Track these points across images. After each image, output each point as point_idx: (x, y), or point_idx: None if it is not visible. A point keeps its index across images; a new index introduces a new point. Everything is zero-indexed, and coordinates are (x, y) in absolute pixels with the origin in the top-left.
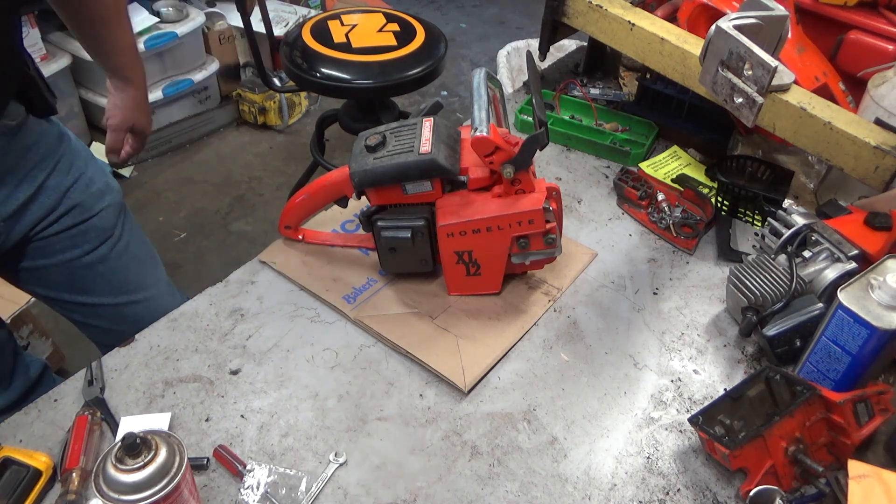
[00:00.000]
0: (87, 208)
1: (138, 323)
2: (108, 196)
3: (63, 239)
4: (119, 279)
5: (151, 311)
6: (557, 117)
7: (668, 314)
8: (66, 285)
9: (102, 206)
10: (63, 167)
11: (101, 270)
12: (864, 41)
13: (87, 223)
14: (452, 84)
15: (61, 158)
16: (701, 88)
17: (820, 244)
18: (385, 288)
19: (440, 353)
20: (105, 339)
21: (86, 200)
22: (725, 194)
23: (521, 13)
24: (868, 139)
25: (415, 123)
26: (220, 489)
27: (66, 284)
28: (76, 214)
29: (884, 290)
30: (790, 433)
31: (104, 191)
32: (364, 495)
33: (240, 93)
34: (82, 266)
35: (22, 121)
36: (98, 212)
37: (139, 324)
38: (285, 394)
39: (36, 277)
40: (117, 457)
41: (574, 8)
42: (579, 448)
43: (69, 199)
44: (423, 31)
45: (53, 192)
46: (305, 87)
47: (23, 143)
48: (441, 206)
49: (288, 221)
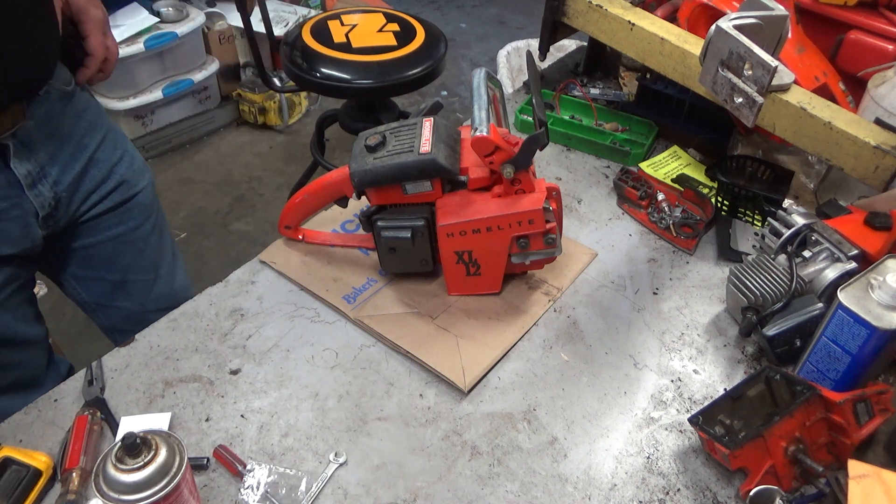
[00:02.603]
0: (132, 185)
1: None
2: (146, 174)
3: (111, 217)
4: (154, 255)
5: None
6: (557, 117)
7: (668, 314)
8: (106, 263)
9: (144, 184)
10: (110, 141)
11: (141, 247)
12: (864, 41)
13: (132, 200)
14: (452, 84)
15: (108, 132)
16: (701, 88)
17: (820, 244)
18: (385, 288)
19: (440, 353)
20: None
21: (131, 177)
22: (725, 194)
23: (521, 13)
24: (868, 139)
25: (415, 123)
26: (220, 489)
27: (107, 262)
28: (123, 191)
29: (884, 290)
30: (790, 433)
31: (143, 169)
32: (364, 495)
33: (240, 93)
34: (125, 243)
35: (74, 87)
36: (141, 189)
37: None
38: (285, 394)
39: (81, 257)
40: (117, 457)
41: (574, 8)
42: (579, 448)
43: (116, 175)
44: (423, 31)
45: (103, 165)
46: (305, 87)
47: (75, 110)
48: (441, 206)
49: (288, 221)
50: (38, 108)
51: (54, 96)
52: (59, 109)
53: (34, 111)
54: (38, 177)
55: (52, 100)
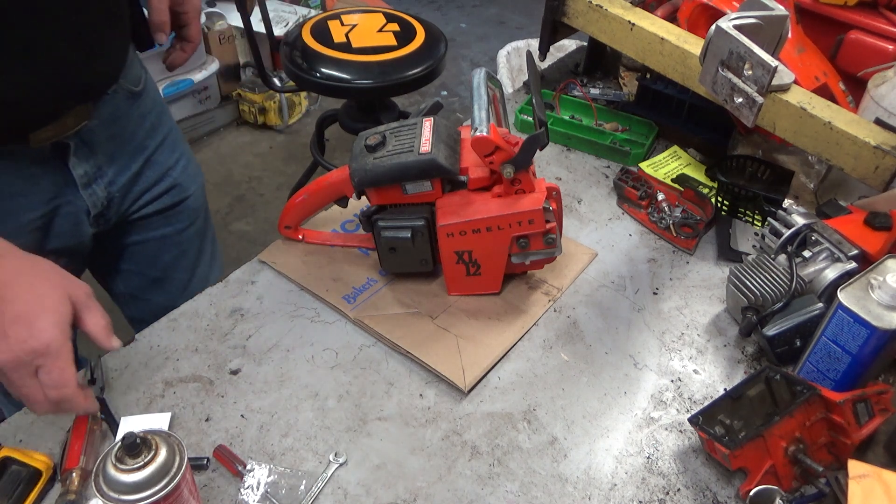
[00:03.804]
0: (183, 189)
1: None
2: (198, 177)
3: (160, 218)
4: (194, 256)
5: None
6: (557, 117)
7: (668, 314)
8: (148, 260)
9: (195, 189)
10: (169, 143)
11: (185, 248)
12: (864, 41)
13: (182, 204)
14: (452, 84)
15: (168, 134)
16: (701, 88)
17: (820, 244)
18: (385, 288)
19: (440, 353)
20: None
21: (184, 181)
22: (725, 194)
23: (521, 13)
24: (868, 139)
25: (415, 123)
26: (220, 489)
27: (149, 259)
28: (174, 194)
29: (884, 290)
30: (790, 433)
31: (196, 172)
32: (364, 495)
33: (240, 93)
34: (170, 243)
35: (143, 87)
36: (191, 194)
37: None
38: (285, 394)
39: (123, 253)
40: (117, 457)
41: (574, 8)
42: (579, 448)
43: (170, 178)
44: (423, 31)
45: (159, 168)
46: (305, 87)
47: (140, 111)
48: (441, 206)
49: (288, 221)
50: (104, 107)
51: (121, 96)
52: (124, 110)
53: (100, 111)
54: (94, 177)
55: (119, 99)
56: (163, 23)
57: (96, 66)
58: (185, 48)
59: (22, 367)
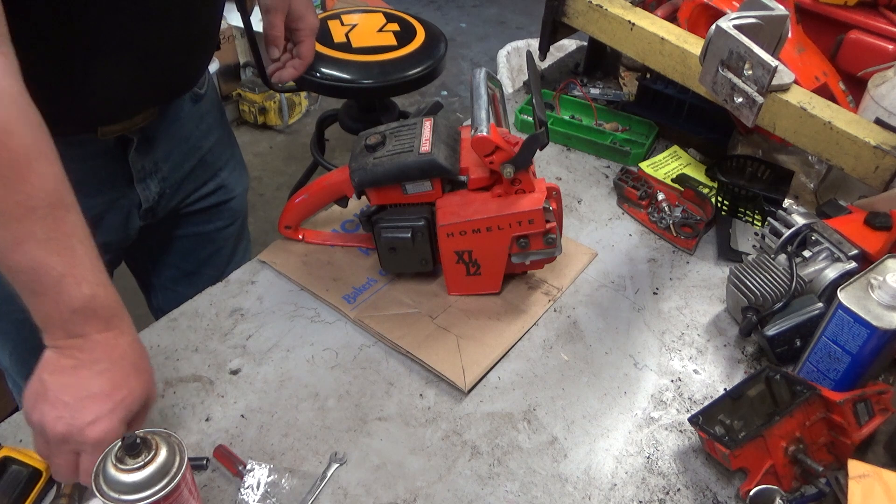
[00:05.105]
0: (229, 190)
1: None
2: (244, 179)
3: (204, 215)
4: (228, 255)
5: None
6: (557, 117)
7: (668, 314)
8: (184, 254)
9: (240, 190)
10: (221, 144)
11: (220, 246)
12: (864, 41)
13: (227, 204)
14: (452, 84)
15: (222, 135)
16: (701, 88)
17: (820, 244)
18: (385, 288)
19: (440, 352)
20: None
21: (230, 182)
22: (725, 194)
23: (521, 13)
24: (868, 139)
25: (415, 123)
26: (220, 489)
27: (186, 253)
28: (220, 194)
29: (884, 289)
30: (790, 433)
31: (243, 174)
32: (364, 495)
33: (240, 93)
34: (208, 240)
35: (206, 89)
36: (236, 195)
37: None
38: (285, 394)
39: (161, 244)
40: (117, 457)
41: (574, 8)
42: (579, 448)
43: (218, 178)
44: (423, 31)
45: (210, 167)
46: (305, 87)
47: (200, 111)
48: (441, 206)
49: (288, 221)
50: (170, 106)
51: (186, 97)
52: (187, 110)
53: (165, 110)
54: (150, 171)
55: (184, 100)
56: (276, 38)
57: (188, 72)
58: (297, 66)
59: (69, 444)
